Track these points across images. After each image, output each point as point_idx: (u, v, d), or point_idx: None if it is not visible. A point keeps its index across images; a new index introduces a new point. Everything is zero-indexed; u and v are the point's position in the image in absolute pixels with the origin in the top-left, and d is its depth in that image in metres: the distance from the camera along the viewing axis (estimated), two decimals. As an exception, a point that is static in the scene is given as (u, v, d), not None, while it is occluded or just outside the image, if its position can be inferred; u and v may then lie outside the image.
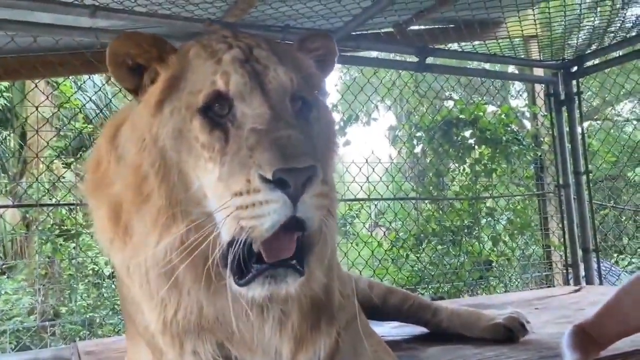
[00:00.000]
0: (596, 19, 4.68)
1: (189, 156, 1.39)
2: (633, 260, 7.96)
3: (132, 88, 1.53)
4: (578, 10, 4.42)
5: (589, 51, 5.14)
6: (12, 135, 11.23)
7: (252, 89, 1.38)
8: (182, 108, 1.41)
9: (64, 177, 6.81)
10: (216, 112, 1.38)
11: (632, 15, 4.65)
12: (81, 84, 8.79)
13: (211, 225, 1.32)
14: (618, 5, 4.60)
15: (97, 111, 9.22)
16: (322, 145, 1.51)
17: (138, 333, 1.70)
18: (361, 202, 6.85)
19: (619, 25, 4.74)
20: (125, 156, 1.49)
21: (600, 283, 5.13)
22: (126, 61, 1.49)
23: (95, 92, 7.95)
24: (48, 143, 5.64)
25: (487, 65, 5.47)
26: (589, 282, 5.02)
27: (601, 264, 5.48)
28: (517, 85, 12.17)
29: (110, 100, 7.78)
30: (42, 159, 7.00)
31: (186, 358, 1.48)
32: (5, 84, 9.72)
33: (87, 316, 7.12)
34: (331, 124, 1.65)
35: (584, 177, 5.15)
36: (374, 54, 6.70)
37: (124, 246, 1.49)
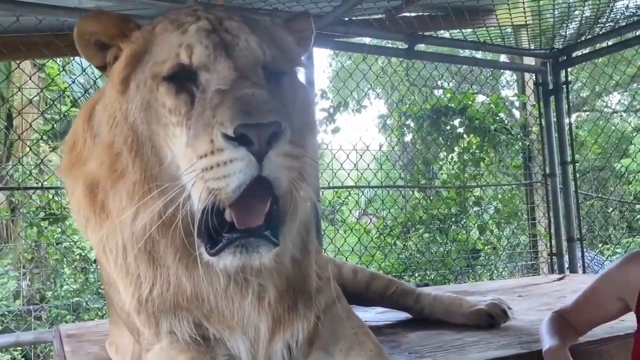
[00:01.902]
0: (586, 9, 4.68)
1: (158, 126, 1.38)
2: (617, 250, 8.03)
3: (101, 66, 1.54)
4: (569, 0, 4.41)
5: (578, 40, 5.15)
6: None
7: (217, 58, 1.36)
8: (147, 79, 1.41)
9: (50, 161, 6.73)
10: (182, 78, 1.37)
11: (622, 6, 4.66)
12: (65, 65, 8.65)
13: (186, 196, 1.31)
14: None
15: (84, 93, 9.10)
16: (299, 116, 1.48)
17: (117, 314, 1.70)
18: (349, 189, 6.85)
19: (608, 16, 4.74)
20: (99, 134, 1.48)
21: (584, 272, 5.19)
22: (91, 40, 1.51)
23: (79, 75, 7.83)
24: (31, 125, 5.55)
25: (478, 54, 5.47)
26: (573, 270, 5.08)
27: (586, 254, 5.53)
28: (508, 75, 12.19)
29: (95, 82, 7.67)
30: (27, 142, 6.92)
31: (162, 339, 1.47)
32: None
33: (73, 301, 7.08)
34: (309, 98, 1.64)
35: (571, 167, 5.19)
36: (364, 40, 6.67)
37: (101, 224, 1.48)
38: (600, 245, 8.43)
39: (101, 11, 1.57)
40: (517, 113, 9.51)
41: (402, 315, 2.86)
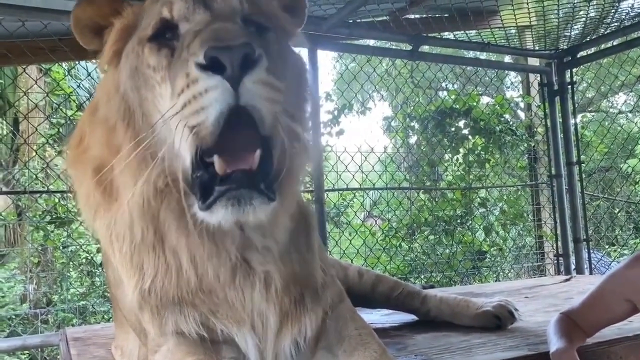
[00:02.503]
0: (591, 9, 4.67)
1: (147, 90, 1.37)
2: (624, 251, 7.99)
3: (100, 50, 1.55)
4: (573, 1, 4.40)
5: (583, 42, 5.13)
6: (3, 122, 11.14)
7: (196, 9, 1.36)
8: (135, 46, 1.42)
9: (55, 165, 6.77)
10: (164, 37, 1.38)
11: (627, 6, 4.64)
12: (70, 69, 8.71)
13: (175, 152, 1.28)
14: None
15: (89, 97, 9.18)
16: (290, 82, 1.44)
17: (124, 316, 1.69)
18: (353, 191, 6.85)
19: (613, 16, 4.72)
20: (98, 114, 1.49)
21: (591, 273, 5.16)
22: (88, 24, 1.53)
23: (84, 79, 7.88)
24: (37, 129, 5.59)
25: (482, 55, 5.46)
26: (580, 272, 5.06)
27: (593, 255, 5.51)
28: (512, 77, 12.16)
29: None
30: (32, 146, 6.96)
31: (169, 339, 1.45)
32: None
33: (80, 304, 7.11)
34: (302, 67, 1.60)
35: (576, 168, 5.17)
36: (368, 42, 6.67)
37: (109, 208, 1.46)
38: (607, 246, 8.38)
39: None
40: (522, 114, 9.49)
41: (408, 317, 2.85)
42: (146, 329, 1.50)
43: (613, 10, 4.69)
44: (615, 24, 4.79)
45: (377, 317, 2.96)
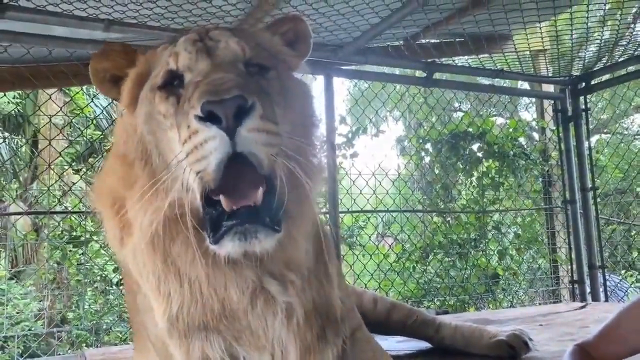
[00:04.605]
0: (605, 32, 4.67)
1: (161, 133, 1.47)
2: (640, 276, 7.89)
3: (118, 98, 1.65)
4: (586, 24, 4.41)
5: (597, 67, 5.15)
6: (24, 142, 11.37)
7: (199, 59, 1.46)
8: (147, 93, 1.52)
9: (77, 187, 6.89)
10: (172, 84, 1.48)
11: (641, 28, 4.64)
12: (95, 94, 8.95)
13: (188, 196, 1.37)
14: (629, 20, 4.60)
15: (108, 118, 9.38)
16: (295, 109, 1.53)
17: (149, 340, 1.74)
18: (367, 214, 6.87)
19: (629, 39, 4.72)
20: (116, 150, 1.61)
21: (606, 299, 5.12)
22: (105, 76, 1.65)
23: (107, 104, 8.06)
24: (60, 154, 5.72)
25: (496, 81, 5.49)
26: (595, 298, 5.01)
27: (609, 279, 5.45)
28: (526, 98, 12.16)
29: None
30: (53, 167, 7.10)
31: None
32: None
33: (94, 322, 7.16)
34: (306, 92, 1.67)
35: (591, 194, 5.15)
36: (382, 67, 6.74)
37: (130, 238, 1.54)
38: (623, 271, 8.27)
39: (107, 45, 1.68)
40: (536, 135, 9.47)
41: (423, 345, 2.86)
42: (173, 354, 1.55)
43: (628, 33, 4.70)
44: (630, 46, 4.78)
45: (392, 343, 2.97)
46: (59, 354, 6.09)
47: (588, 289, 5.10)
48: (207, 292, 1.48)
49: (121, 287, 8.58)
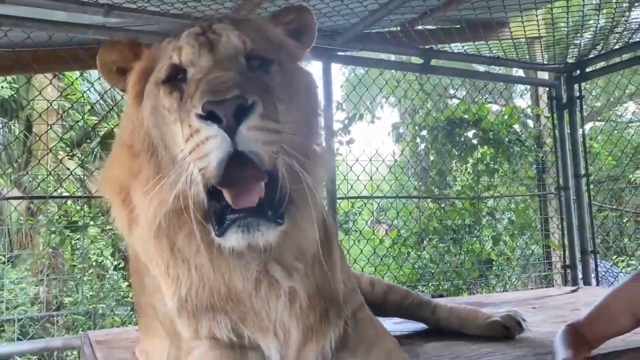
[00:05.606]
0: (601, 19, 4.70)
1: (166, 128, 1.50)
2: (631, 262, 8.01)
3: (124, 89, 1.70)
4: (582, 12, 4.43)
5: (591, 55, 5.18)
6: (17, 125, 11.32)
7: (201, 54, 1.48)
8: (152, 87, 1.55)
9: (73, 172, 6.89)
10: (175, 79, 1.51)
11: (637, 16, 4.63)
12: (92, 81, 8.91)
13: (190, 184, 1.40)
14: (624, 7, 4.61)
15: (101, 101, 9.36)
16: (299, 101, 1.55)
17: (157, 319, 1.79)
18: (364, 199, 6.93)
19: (624, 26, 4.75)
20: (121, 141, 1.66)
21: (598, 284, 5.21)
22: (113, 68, 1.69)
23: (94, 82, 8.04)
24: (62, 139, 5.72)
25: (492, 67, 5.53)
26: (587, 283, 5.10)
27: (601, 264, 5.54)
28: (522, 85, 12.20)
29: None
30: (47, 152, 7.09)
31: (204, 342, 1.56)
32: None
33: (91, 307, 7.22)
34: (310, 85, 1.69)
35: (584, 180, 5.22)
36: (380, 54, 6.75)
37: (137, 225, 1.59)
38: (614, 257, 8.39)
39: (114, 41, 1.77)
40: (530, 122, 9.54)
41: (419, 326, 2.91)
42: (181, 332, 1.60)
43: (623, 20, 4.72)
44: (625, 34, 4.81)
45: (389, 325, 3.01)
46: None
47: (580, 274, 5.18)
48: (213, 278, 1.54)
49: (119, 271, 8.63)
